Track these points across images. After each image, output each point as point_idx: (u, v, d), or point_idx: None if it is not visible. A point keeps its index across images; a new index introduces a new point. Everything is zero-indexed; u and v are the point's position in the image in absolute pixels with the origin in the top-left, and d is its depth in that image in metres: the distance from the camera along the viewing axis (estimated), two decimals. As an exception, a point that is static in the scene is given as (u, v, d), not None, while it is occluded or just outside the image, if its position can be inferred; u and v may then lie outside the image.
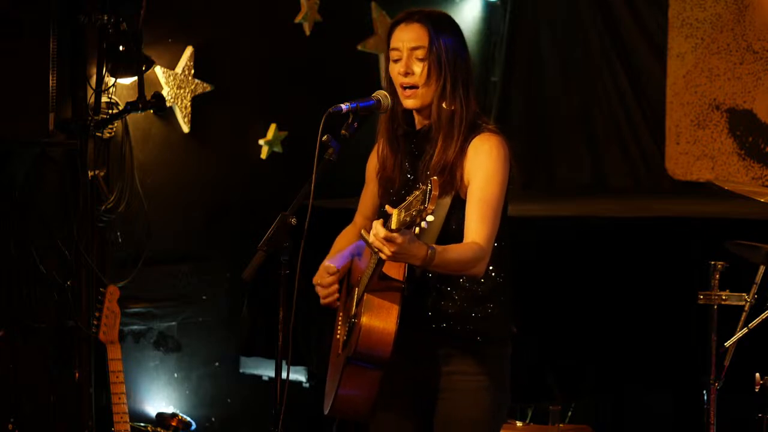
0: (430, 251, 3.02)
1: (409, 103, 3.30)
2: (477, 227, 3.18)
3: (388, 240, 2.93)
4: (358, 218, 3.60)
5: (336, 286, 3.38)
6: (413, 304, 3.21)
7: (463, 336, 3.29)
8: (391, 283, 3.16)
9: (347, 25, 6.52)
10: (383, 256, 2.99)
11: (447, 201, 3.23)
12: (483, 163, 3.23)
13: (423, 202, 2.82)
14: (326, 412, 3.40)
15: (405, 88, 3.30)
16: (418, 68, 3.28)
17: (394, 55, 3.32)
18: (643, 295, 4.82)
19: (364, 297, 3.15)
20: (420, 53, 3.28)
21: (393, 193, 3.38)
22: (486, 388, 3.31)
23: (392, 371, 3.21)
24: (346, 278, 3.47)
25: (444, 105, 3.27)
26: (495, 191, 3.22)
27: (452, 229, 3.25)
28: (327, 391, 3.45)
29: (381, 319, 3.13)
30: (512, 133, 7.73)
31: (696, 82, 6.68)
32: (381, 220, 2.97)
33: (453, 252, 3.10)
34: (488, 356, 3.32)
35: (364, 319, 3.12)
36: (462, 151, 3.25)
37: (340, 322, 3.45)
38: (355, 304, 3.30)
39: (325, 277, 3.38)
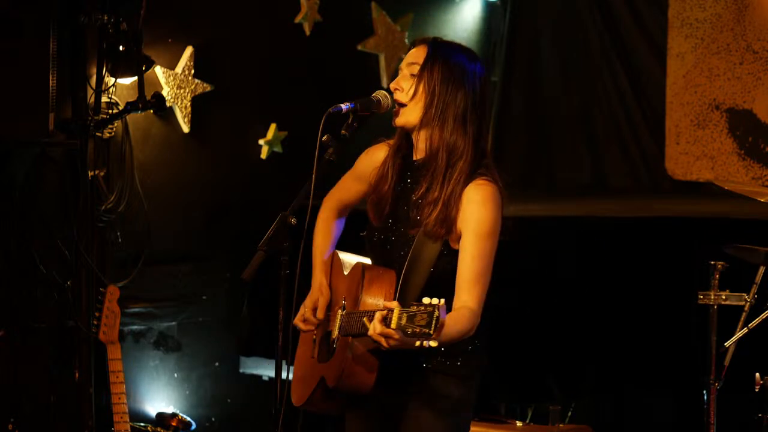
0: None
1: (395, 120, 3.27)
2: (470, 289, 3.12)
3: (386, 336, 2.92)
4: (334, 203, 3.54)
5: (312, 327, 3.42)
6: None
7: (438, 368, 3.29)
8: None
9: (347, 25, 6.52)
10: (381, 348, 2.98)
11: (437, 247, 3.20)
12: (475, 215, 3.16)
13: (429, 326, 2.80)
14: (297, 405, 3.43)
15: (397, 105, 3.28)
16: (407, 84, 3.25)
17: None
18: (643, 295, 4.82)
19: (350, 341, 3.16)
20: (413, 69, 3.25)
21: (383, 217, 3.33)
22: (452, 410, 3.32)
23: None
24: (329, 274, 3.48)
25: (429, 131, 3.23)
26: (488, 246, 3.16)
27: (438, 272, 3.22)
28: (295, 382, 3.46)
29: (357, 362, 3.16)
30: (512, 134, 7.77)
31: (696, 82, 6.68)
32: (381, 315, 2.93)
33: (451, 328, 3.00)
34: (458, 383, 3.31)
35: (346, 363, 3.15)
36: (456, 190, 3.19)
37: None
38: (337, 327, 3.29)
39: (302, 325, 3.40)
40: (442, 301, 2.81)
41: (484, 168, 3.23)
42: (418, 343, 2.83)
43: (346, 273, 3.42)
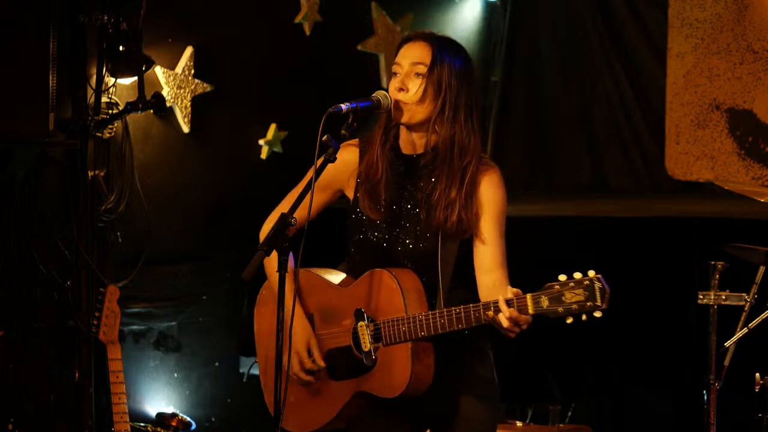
0: None
1: (397, 115, 3.26)
2: (504, 266, 3.27)
3: (522, 323, 3.03)
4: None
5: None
6: None
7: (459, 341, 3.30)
8: None
9: (347, 25, 6.52)
10: (511, 335, 3.07)
11: (456, 244, 3.26)
12: (493, 198, 3.27)
13: (593, 299, 2.92)
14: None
15: (398, 103, 3.27)
16: (414, 86, 3.24)
17: (395, 69, 3.30)
18: (643, 295, 4.82)
19: (411, 345, 3.17)
20: (420, 69, 3.24)
21: (382, 213, 3.32)
22: (485, 387, 3.37)
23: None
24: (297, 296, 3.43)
25: (439, 129, 3.24)
26: (504, 224, 3.29)
27: (461, 260, 3.28)
28: (295, 410, 3.38)
29: (423, 364, 3.20)
30: (512, 134, 7.76)
31: (696, 82, 6.68)
32: (506, 303, 3.02)
33: None
34: (477, 356, 3.37)
35: (415, 367, 3.17)
36: (471, 188, 3.25)
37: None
38: (368, 340, 3.26)
39: (309, 378, 3.37)
40: (593, 273, 2.93)
41: (482, 155, 3.33)
42: (570, 320, 2.94)
43: (335, 283, 3.38)
